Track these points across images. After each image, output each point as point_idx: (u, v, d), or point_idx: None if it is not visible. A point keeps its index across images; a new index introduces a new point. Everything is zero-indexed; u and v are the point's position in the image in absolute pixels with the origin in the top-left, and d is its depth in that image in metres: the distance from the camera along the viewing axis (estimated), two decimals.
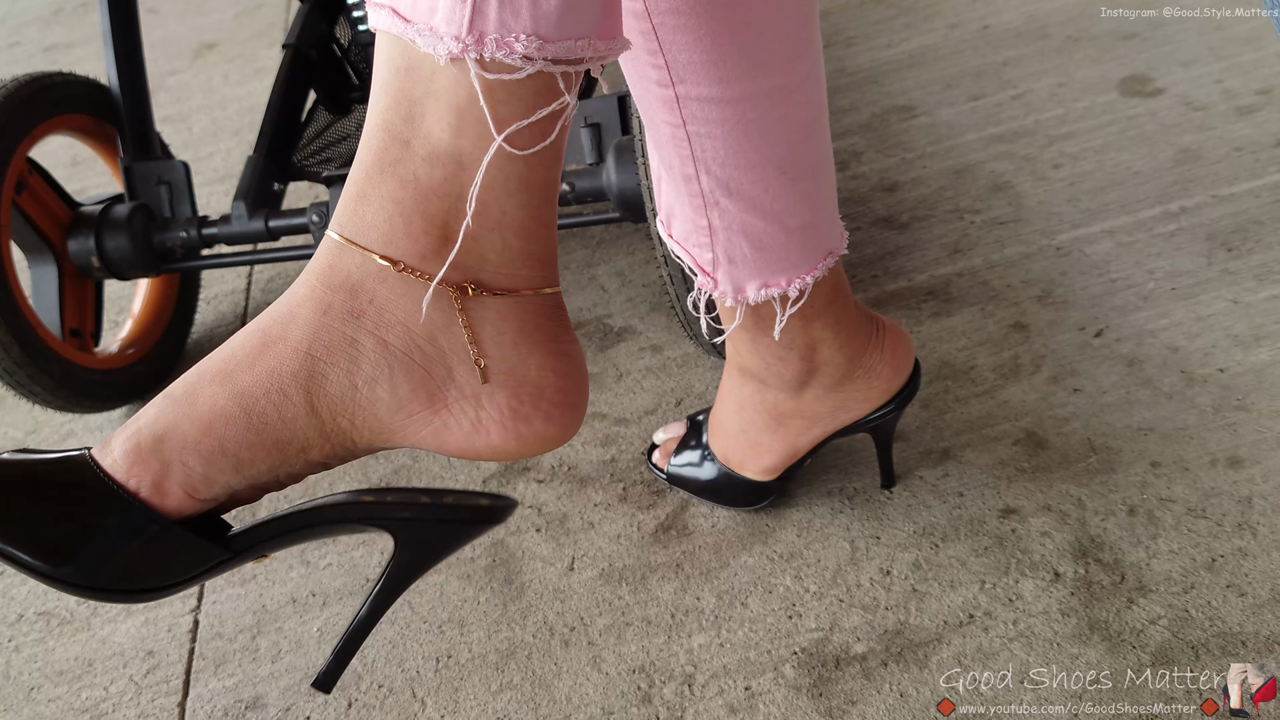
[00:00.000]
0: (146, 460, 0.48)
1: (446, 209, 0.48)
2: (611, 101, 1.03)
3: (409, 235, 0.48)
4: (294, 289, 0.50)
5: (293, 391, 0.49)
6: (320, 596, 0.90)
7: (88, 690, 0.87)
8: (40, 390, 1.03)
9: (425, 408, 0.51)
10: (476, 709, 0.79)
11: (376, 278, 0.49)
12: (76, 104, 1.13)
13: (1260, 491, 0.82)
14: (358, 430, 0.50)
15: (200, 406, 0.49)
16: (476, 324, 0.50)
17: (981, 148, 1.26)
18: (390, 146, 0.48)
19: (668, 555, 0.87)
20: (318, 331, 0.49)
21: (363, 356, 0.49)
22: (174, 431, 0.48)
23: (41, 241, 1.09)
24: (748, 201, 0.67)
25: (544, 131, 0.47)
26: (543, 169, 0.49)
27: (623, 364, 1.07)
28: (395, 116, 0.47)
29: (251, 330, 0.50)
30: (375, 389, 0.50)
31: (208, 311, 1.31)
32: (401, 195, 0.48)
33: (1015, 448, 0.89)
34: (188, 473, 0.48)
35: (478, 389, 0.51)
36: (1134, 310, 1.00)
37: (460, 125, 0.46)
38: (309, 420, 0.49)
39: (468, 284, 0.50)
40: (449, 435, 0.52)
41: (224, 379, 0.49)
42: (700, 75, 0.61)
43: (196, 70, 1.91)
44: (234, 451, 0.48)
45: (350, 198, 0.49)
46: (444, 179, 0.47)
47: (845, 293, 0.76)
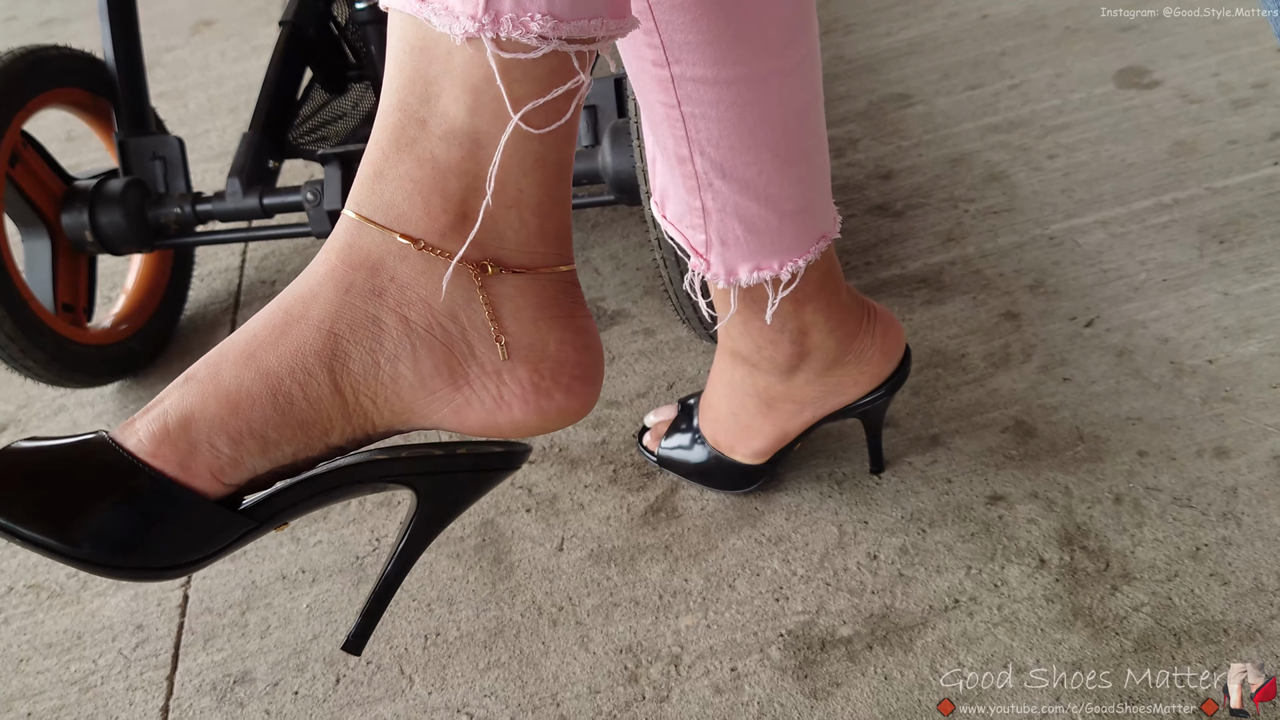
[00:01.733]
0: (175, 441, 0.48)
1: (464, 187, 0.48)
2: (608, 84, 1.03)
3: (428, 214, 0.49)
4: (313, 268, 0.50)
5: (317, 370, 0.49)
6: (310, 573, 0.90)
7: (77, 663, 0.87)
8: (32, 364, 1.03)
9: (447, 385, 0.51)
10: (464, 686, 0.79)
11: (397, 256, 0.49)
12: (72, 78, 1.12)
13: (1245, 482, 0.82)
14: (379, 410, 0.50)
15: (226, 387, 0.48)
16: (496, 301, 0.51)
17: (977, 137, 1.26)
18: (406, 126, 0.48)
19: (657, 537, 0.87)
20: (340, 310, 0.49)
21: (385, 334, 0.50)
22: (201, 413, 0.48)
23: (35, 215, 1.09)
24: (741, 184, 0.67)
25: (559, 110, 0.48)
26: (558, 147, 0.49)
27: (615, 347, 1.07)
28: (411, 96, 0.48)
29: (273, 310, 0.50)
30: (398, 366, 0.50)
31: (201, 288, 1.30)
32: (419, 174, 0.48)
33: (1004, 435, 0.90)
34: (215, 454, 0.48)
35: (499, 365, 0.51)
36: (1125, 301, 1.00)
37: (476, 104, 0.47)
38: (333, 400, 0.49)
39: (487, 261, 0.50)
40: (470, 412, 0.52)
41: (248, 360, 0.49)
42: (696, 56, 0.61)
43: (193, 46, 1.91)
44: (261, 432, 0.48)
45: (367, 176, 0.49)
46: (461, 158, 0.48)
47: (837, 277, 0.77)
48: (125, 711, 0.83)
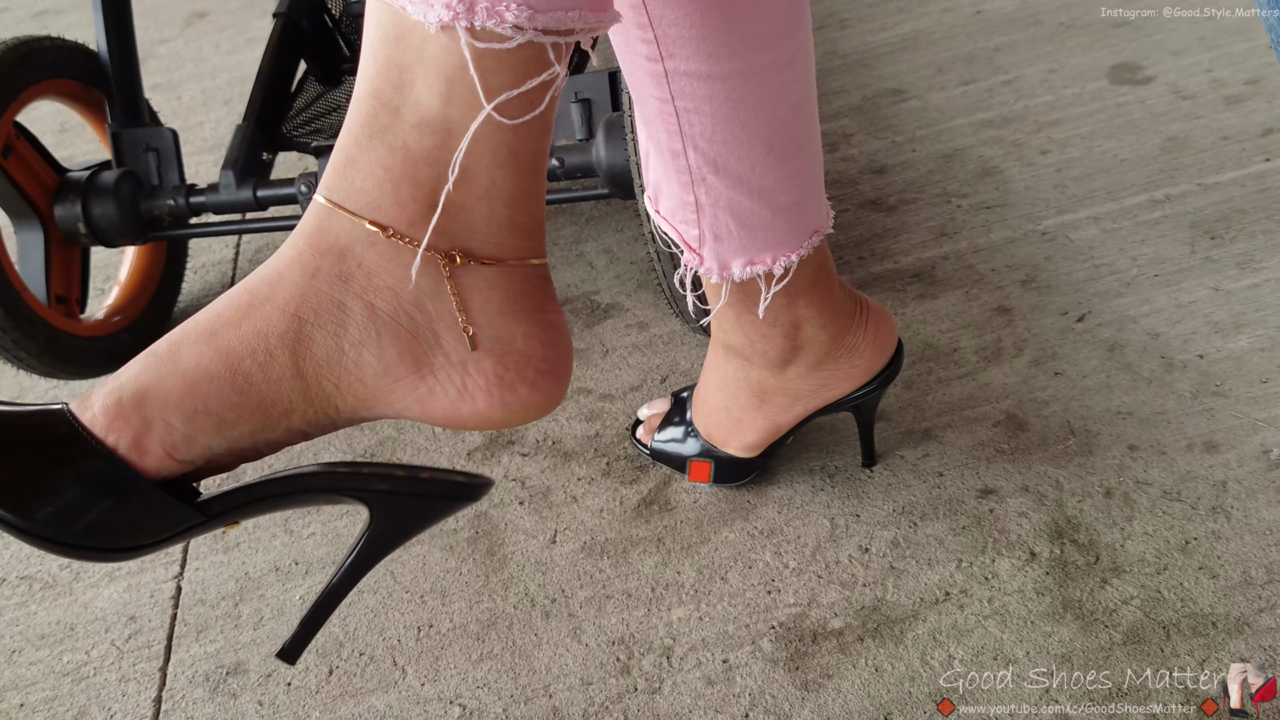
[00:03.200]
0: (128, 416, 0.48)
1: (435, 176, 0.48)
2: (602, 77, 1.03)
3: (398, 202, 0.49)
4: (281, 252, 0.50)
5: (279, 352, 0.49)
6: (303, 565, 0.90)
7: (69, 654, 0.87)
8: (25, 356, 1.03)
9: (411, 373, 0.51)
10: (457, 678, 0.80)
11: (365, 242, 0.49)
12: (65, 69, 1.12)
13: (1235, 476, 0.83)
14: (342, 395, 0.50)
15: (185, 364, 0.49)
16: (464, 292, 0.51)
17: (971, 132, 1.26)
18: (379, 113, 0.48)
19: (649, 530, 0.87)
20: (305, 294, 0.49)
21: (350, 320, 0.50)
22: (157, 388, 0.48)
23: (28, 207, 1.09)
24: (734, 178, 0.67)
25: (533, 102, 0.47)
26: (532, 139, 0.49)
27: (609, 340, 1.07)
28: (384, 83, 0.47)
29: (238, 291, 0.50)
30: (362, 353, 0.50)
31: (194, 281, 1.30)
32: (391, 162, 0.48)
33: (995, 429, 0.90)
34: (169, 431, 0.48)
35: (464, 356, 0.51)
36: (1116, 296, 1.00)
37: (450, 93, 0.46)
38: (294, 383, 0.49)
39: (456, 252, 0.50)
40: (434, 402, 0.52)
41: (209, 338, 0.49)
42: (689, 51, 0.61)
43: (187, 39, 1.90)
44: (217, 411, 0.49)
45: (339, 163, 0.49)
46: (433, 147, 0.48)
47: (830, 272, 0.77)
48: (118, 703, 0.83)
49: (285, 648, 0.54)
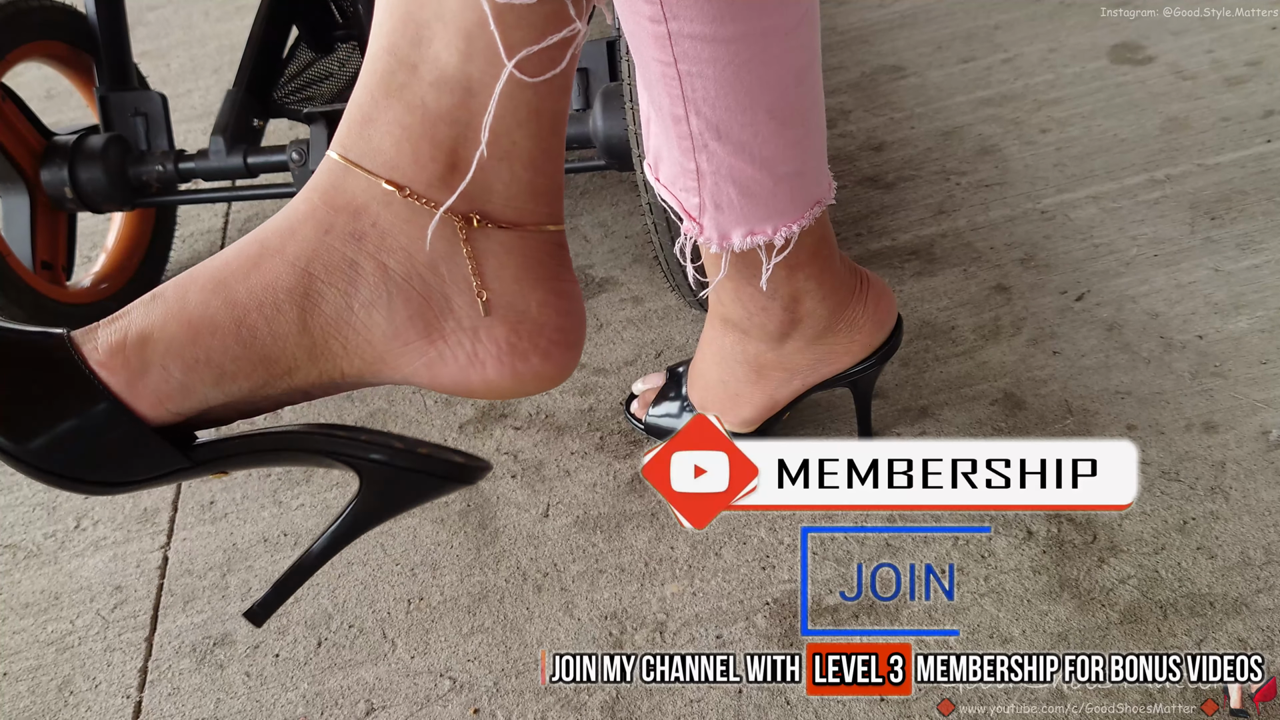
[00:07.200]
0: (129, 357, 0.47)
1: (455, 136, 0.47)
2: (600, 47, 1.02)
3: (416, 161, 0.47)
4: (294, 204, 0.49)
5: (286, 307, 0.48)
6: (292, 536, 0.89)
7: (54, 623, 0.86)
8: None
9: (421, 337, 0.50)
10: (447, 651, 0.79)
11: (381, 202, 0.48)
12: (53, 30, 1.10)
13: (1233, 456, 0.82)
14: (348, 356, 0.49)
15: (189, 312, 0.47)
16: (480, 256, 0.49)
17: (970, 110, 1.25)
18: (396, 70, 0.47)
19: (643, 504, 0.87)
20: (317, 250, 0.48)
21: (361, 279, 0.48)
22: (160, 333, 0.47)
23: (14, 170, 1.07)
24: (736, 145, 0.66)
25: (554, 59, 0.46)
26: (553, 98, 0.48)
27: (603, 314, 1.06)
28: (401, 40, 0.46)
29: (249, 241, 0.49)
30: (372, 313, 0.49)
31: (183, 249, 1.29)
32: (409, 120, 0.47)
33: (993, 407, 0.89)
34: (166, 378, 0.47)
35: (476, 322, 0.50)
36: (1115, 275, 1.00)
37: (470, 50, 0.45)
38: (300, 339, 0.48)
39: (473, 214, 0.49)
40: (443, 368, 0.51)
41: (217, 287, 0.48)
42: (693, 12, 0.60)
43: (176, 5, 1.87)
44: (218, 362, 0.47)
45: (354, 120, 0.48)
46: (453, 105, 0.46)
47: (830, 244, 0.76)
48: (103, 672, 0.82)
49: (254, 608, 0.53)
